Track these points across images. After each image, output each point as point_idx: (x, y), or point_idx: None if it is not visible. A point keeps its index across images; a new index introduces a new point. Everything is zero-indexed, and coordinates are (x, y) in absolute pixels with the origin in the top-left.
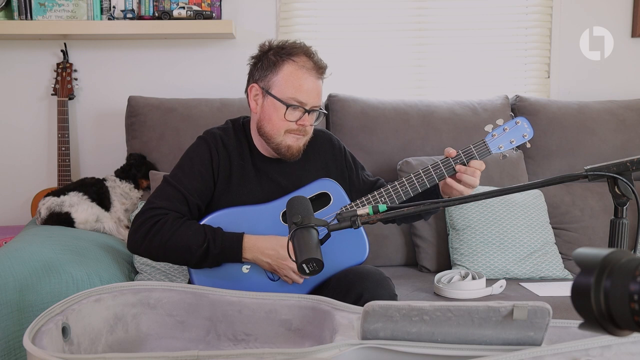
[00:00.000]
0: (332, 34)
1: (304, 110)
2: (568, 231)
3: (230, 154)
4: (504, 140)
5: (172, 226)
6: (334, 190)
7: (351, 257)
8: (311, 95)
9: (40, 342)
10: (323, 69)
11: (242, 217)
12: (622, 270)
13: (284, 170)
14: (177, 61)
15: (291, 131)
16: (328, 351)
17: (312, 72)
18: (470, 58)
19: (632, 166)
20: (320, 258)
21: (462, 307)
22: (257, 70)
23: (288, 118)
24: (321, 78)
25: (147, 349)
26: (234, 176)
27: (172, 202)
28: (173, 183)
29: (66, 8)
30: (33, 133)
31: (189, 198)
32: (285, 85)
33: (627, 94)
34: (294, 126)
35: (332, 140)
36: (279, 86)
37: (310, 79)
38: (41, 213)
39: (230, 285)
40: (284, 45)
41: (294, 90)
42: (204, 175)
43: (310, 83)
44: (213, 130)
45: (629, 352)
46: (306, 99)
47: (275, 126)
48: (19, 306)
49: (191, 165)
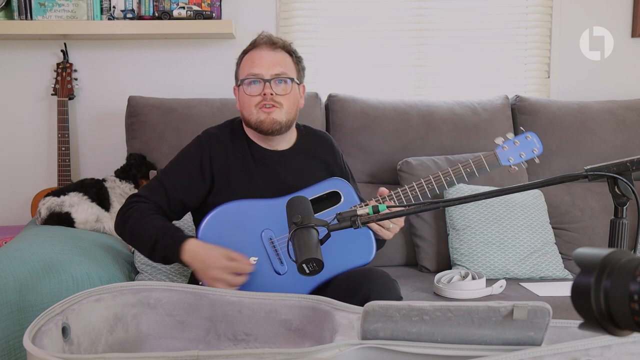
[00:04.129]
0: (332, 34)
1: (262, 81)
2: (568, 231)
3: (226, 149)
4: (514, 153)
5: (139, 215)
6: (345, 190)
7: (357, 257)
8: (264, 64)
9: (40, 342)
10: (278, 44)
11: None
12: (622, 270)
13: (283, 161)
14: (177, 61)
15: (259, 104)
16: (328, 351)
17: (263, 47)
18: (470, 58)
19: (632, 166)
20: (321, 258)
21: (462, 307)
22: (235, 74)
23: (248, 92)
24: (278, 50)
25: (147, 349)
26: (233, 170)
27: (152, 194)
28: (160, 177)
29: (66, 8)
30: (33, 133)
31: (170, 191)
32: (243, 69)
33: (627, 94)
34: (260, 98)
35: (333, 143)
36: (240, 74)
37: (262, 52)
38: (41, 213)
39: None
40: None
41: (248, 67)
42: (191, 171)
43: (261, 55)
44: (209, 130)
45: (629, 352)
46: (259, 70)
47: (246, 106)
48: (19, 306)
49: (180, 161)
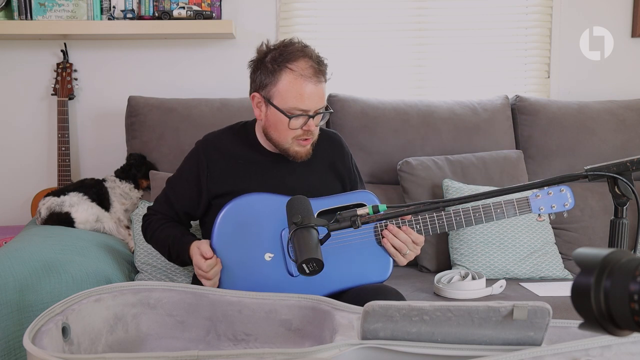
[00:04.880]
0: (332, 34)
1: (307, 117)
2: (568, 231)
3: (224, 153)
4: (545, 204)
5: (152, 230)
6: (371, 203)
7: (373, 274)
8: (313, 101)
9: (40, 342)
10: (323, 71)
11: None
12: (622, 270)
13: (288, 166)
14: (177, 61)
15: (298, 137)
16: (328, 351)
17: (311, 79)
18: (470, 58)
19: (632, 166)
20: (321, 258)
21: (462, 307)
22: (257, 77)
23: (292, 127)
24: (322, 80)
25: (147, 349)
26: (236, 173)
27: (161, 206)
28: (166, 189)
29: (66, 8)
30: (33, 133)
31: (175, 204)
32: (286, 95)
33: (627, 94)
34: (300, 132)
35: (342, 144)
36: (279, 97)
37: (310, 85)
38: (41, 213)
39: (248, 268)
40: (281, 50)
41: (295, 100)
42: (190, 184)
43: (310, 89)
44: (207, 136)
45: (629, 352)
46: (308, 106)
47: (282, 134)
48: (19, 306)
49: (181, 172)
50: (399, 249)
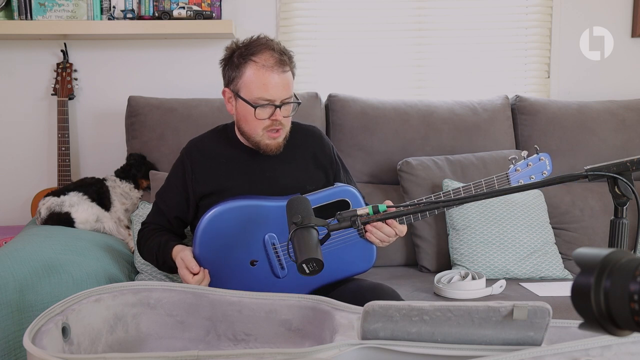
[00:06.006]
0: (332, 34)
1: (274, 107)
2: (568, 231)
3: (207, 154)
4: (524, 176)
5: (144, 241)
6: (353, 198)
7: (358, 263)
8: (277, 90)
9: (40, 342)
10: (285, 61)
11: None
12: (622, 270)
13: (269, 161)
14: (177, 61)
15: (267, 128)
16: (328, 351)
17: (274, 68)
18: (470, 58)
19: (632, 166)
20: (321, 258)
21: (462, 307)
22: (226, 73)
23: (259, 117)
24: (287, 70)
25: (147, 349)
26: (223, 173)
27: (154, 217)
28: (156, 200)
29: (66, 8)
30: (33, 133)
31: (166, 212)
32: (251, 86)
33: (627, 94)
34: (268, 122)
35: (322, 135)
36: (245, 88)
37: (274, 75)
38: (41, 213)
39: (234, 275)
40: (247, 45)
41: (259, 90)
42: (177, 190)
43: (274, 79)
44: (192, 140)
45: (629, 352)
46: (273, 95)
47: (251, 126)
48: (19, 306)
49: (169, 180)
50: (382, 240)
